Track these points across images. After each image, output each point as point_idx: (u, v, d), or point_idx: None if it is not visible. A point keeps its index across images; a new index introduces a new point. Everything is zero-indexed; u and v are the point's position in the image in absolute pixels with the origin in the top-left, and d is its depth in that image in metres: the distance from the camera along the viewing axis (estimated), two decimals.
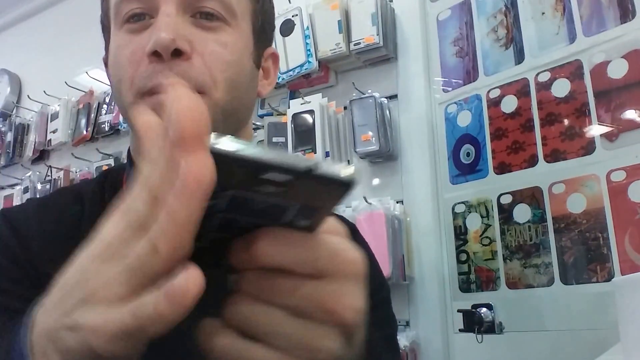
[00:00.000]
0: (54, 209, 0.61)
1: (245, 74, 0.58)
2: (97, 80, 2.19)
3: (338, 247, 0.30)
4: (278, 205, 0.28)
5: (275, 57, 0.68)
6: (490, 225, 1.31)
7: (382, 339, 0.62)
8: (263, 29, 0.63)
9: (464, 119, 1.41)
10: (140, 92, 0.53)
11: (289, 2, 1.62)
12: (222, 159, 0.25)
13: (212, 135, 0.25)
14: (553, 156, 1.24)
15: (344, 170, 0.26)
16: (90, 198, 0.61)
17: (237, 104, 0.57)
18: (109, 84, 2.24)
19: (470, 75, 1.42)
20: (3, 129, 2.45)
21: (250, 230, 0.29)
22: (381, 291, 0.67)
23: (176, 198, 0.25)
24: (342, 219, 0.76)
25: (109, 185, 0.63)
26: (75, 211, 0.59)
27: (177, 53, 0.52)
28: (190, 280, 0.25)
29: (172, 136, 0.25)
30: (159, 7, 0.53)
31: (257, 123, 1.63)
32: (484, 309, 1.24)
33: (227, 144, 0.25)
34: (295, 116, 1.52)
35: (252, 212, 0.28)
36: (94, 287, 0.27)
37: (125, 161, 0.66)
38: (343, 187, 0.27)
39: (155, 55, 0.52)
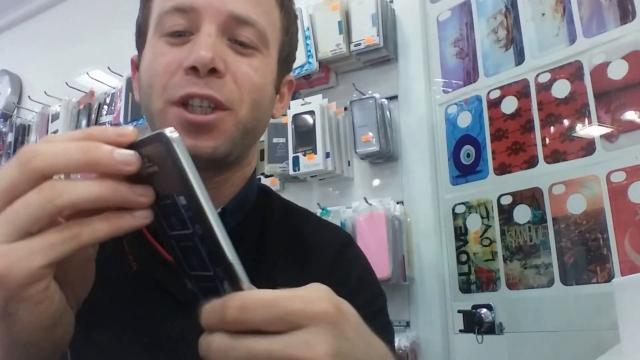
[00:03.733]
0: None
1: (267, 97, 0.63)
2: (97, 81, 2.19)
3: (309, 297, 0.30)
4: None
5: (291, 84, 0.73)
6: (490, 226, 1.31)
7: None
8: (287, 59, 0.68)
9: (464, 120, 1.41)
10: (170, 100, 0.57)
11: None
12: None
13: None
14: (553, 157, 1.24)
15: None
16: None
17: (256, 123, 0.62)
18: (110, 85, 2.21)
19: (471, 76, 1.42)
20: (4, 130, 2.45)
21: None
22: (378, 300, 0.70)
23: None
24: (337, 229, 0.77)
25: None
26: None
27: (213, 71, 0.56)
28: None
29: None
30: (200, 26, 0.57)
31: None
32: (484, 310, 1.24)
33: None
34: (295, 117, 1.52)
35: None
36: None
37: None
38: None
39: (193, 70, 0.56)
